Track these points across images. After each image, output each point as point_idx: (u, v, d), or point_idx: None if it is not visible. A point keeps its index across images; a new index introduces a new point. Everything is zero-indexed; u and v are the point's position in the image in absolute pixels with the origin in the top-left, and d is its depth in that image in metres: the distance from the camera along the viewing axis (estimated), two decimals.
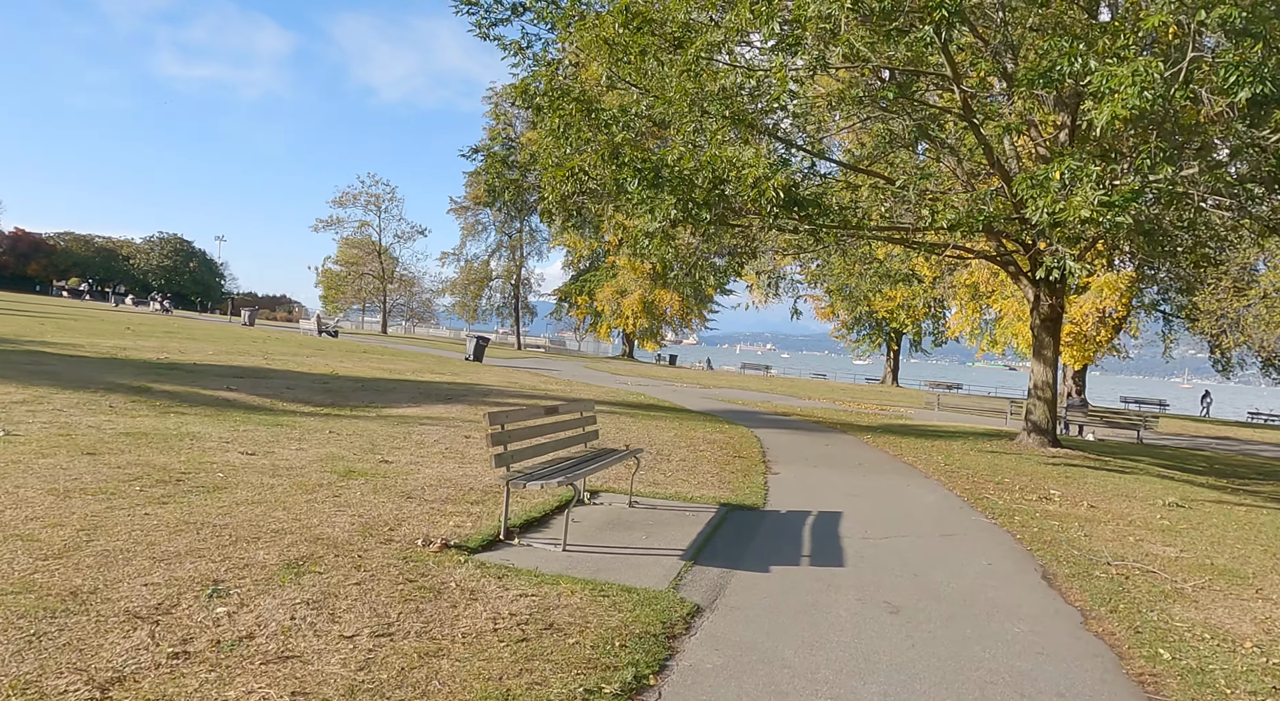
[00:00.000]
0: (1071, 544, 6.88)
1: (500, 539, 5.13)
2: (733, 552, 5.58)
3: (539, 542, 5.19)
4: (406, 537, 4.85)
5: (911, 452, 13.45)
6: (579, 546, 5.24)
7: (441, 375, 21.28)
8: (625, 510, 6.60)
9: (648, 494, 7.46)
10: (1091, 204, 8.11)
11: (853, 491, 9.03)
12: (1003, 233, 14.56)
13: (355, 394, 14.11)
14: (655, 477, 8.60)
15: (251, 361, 18.85)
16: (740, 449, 11.94)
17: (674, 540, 5.72)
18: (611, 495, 7.23)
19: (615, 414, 15.04)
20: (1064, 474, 12.35)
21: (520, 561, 4.72)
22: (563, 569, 4.68)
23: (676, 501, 7.26)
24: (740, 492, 8.11)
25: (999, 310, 40.88)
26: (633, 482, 6.91)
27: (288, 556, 4.19)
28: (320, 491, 5.90)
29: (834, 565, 5.47)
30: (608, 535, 5.70)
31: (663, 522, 6.26)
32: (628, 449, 6.89)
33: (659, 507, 6.85)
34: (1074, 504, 9.56)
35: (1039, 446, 15.55)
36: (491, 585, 4.13)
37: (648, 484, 8.08)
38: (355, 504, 5.62)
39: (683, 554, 5.34)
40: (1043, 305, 15.52)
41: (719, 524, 6.44)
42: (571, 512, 6.31)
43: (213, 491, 5.56)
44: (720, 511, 6.97)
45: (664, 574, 4.81)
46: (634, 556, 5.17)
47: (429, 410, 12.80)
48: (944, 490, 9.81)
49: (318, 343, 32.56)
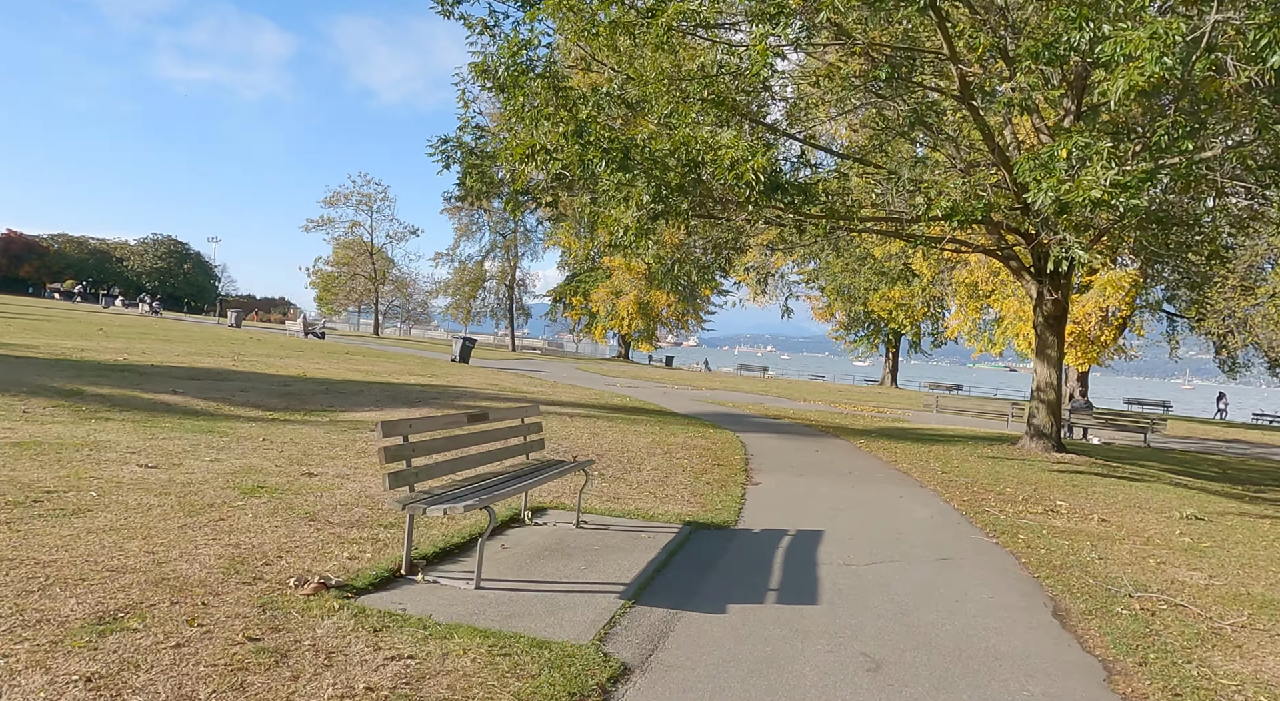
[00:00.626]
0: (1085, 569, 6.01)
1: (401, 574, 4.25)
2: (686, 586, 4.71)
3: (450, 578, 4.32)
4: (280, 575, 3.98)
5: (907, 459, 12.58)
6: (498, 582, 4.37)
7: (420, 377, 20.42)
8: (570, 532, 5.72)
9: (603, 511, 6.58)
10: (1103, 184, 7.24)
11: (839, 504, 8.15)
12: (1003, 224, 13.70)
13: (315, 397, 13.25)
14: (618, 491, 7.72)
15: (218, 363, 17.98)
16: (721, 456, 11.07)
17: (618, 571, 4.84)
18: (560, 513, 6.35)
19: (592, 418, 14.17)
20: (1070, 482, 11.48)
21: (415, 606, 3.84)
22: (466, 615, 3.80)
23: (634, 520, 6.38)
24: (711, 508, 7.24)
25: (999, 310, 39.99)
26: (580, 499, 6.02)
27: (104, 608, 3.32)
28: (205, 514, 5.03)
29: (805, 602, 4.60)
30: (539, 565, 4.82)
31: (611, 548, 5.38)
32: (575, 461, 6.01)
33: (611, 528, 5.97)
34: (1083, 517, 8.68)
35: (1043, 451, 14.68)
36: (359, 644, 3.25)
37: (607, 499, 7.21)
38: (239, 530, 4.74)
39: (623, 590, 4.46)
40: (1046, 302, 14.65)
41: (678, 548, 5.57)
42: (505, 536, 5.44)
43: (70, 515, 4.69)
44: (683, 532, 6.10)
45: (593, 619, 3.93)
46: (564, 594, 4.30)
47: (390, 414, 11.93)
48: (940, 502, 8.93)
49: (300, 344, 31.70)
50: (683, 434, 13.18)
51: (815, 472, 10.45)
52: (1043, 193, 7.88)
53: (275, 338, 35.99)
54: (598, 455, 9.92)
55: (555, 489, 7.34)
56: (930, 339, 52.55)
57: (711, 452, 11.27)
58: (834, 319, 53.00)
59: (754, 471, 10.16)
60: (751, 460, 11.14)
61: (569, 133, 8.48)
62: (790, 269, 49.46)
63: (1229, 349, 37.10)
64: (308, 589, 3.77)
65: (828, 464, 11.39)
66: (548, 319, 70.05)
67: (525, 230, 62.61)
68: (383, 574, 4.17)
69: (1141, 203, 7.23)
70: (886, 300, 45.49)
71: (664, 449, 11.16)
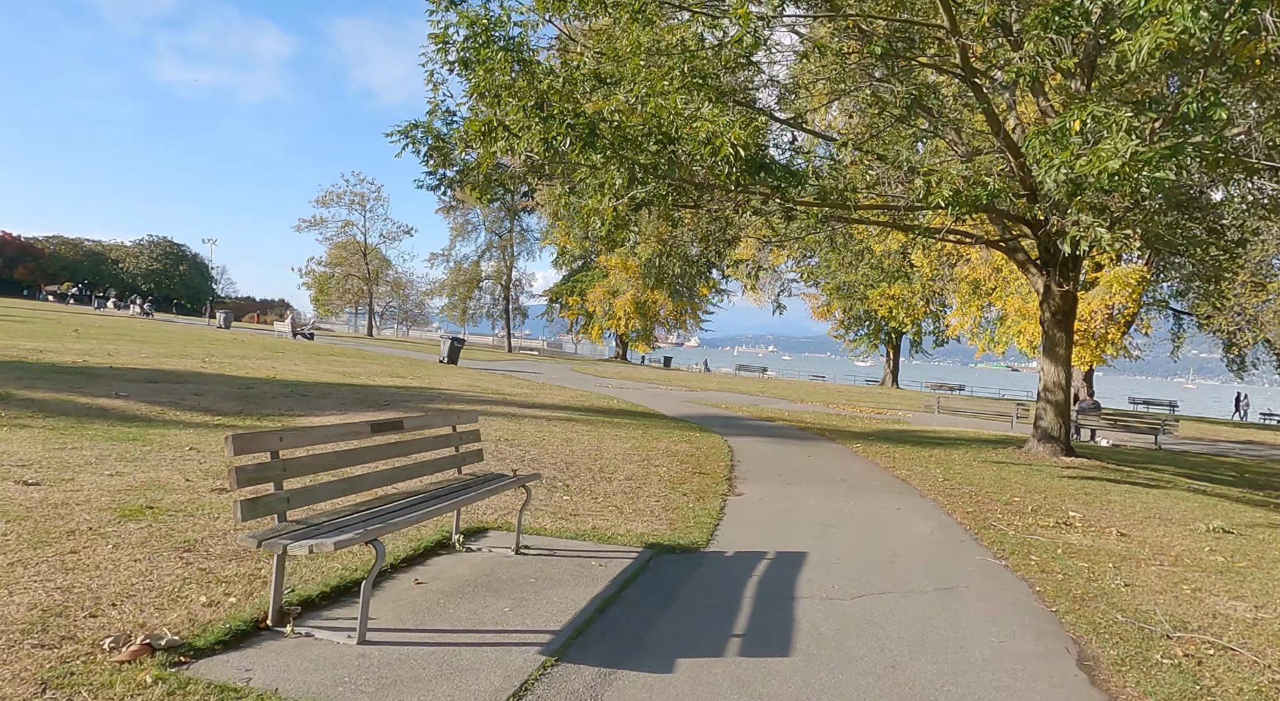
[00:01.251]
0: (1110, 600, 5.15)
1: (265, 625, 3.39)
2: (632, 631, 3.86)
3: (330, 628, 3.46)
4: (100, 633, 3.13)
5: (906, 464, 11.71)
6: (391, 633, 3.52)
7: (400, 379, 19.58)
8: (506, 560, 4.87)
9: (553, 532, 5.73)
10: (1123, 155, 6.38)
11: (829, 519, 7.29)
12: (1008, 213, 12.84)
13: (276, 401, 12.40)
14: (580, 505, 6.87)
15: (186, 365, 17.14)
16: (704, 462, 10.22)
17: (552, 612, 4.00)
18: (503, 534, 5.50)
19: (571, 421, 13.32)
20: (1082, 490, 10.62)
21: (265, 673, 2.99)
22: (329, 684, 2.95)
23: (588, 542, 5.53)
24: (682, 525, 6.38)
25: (1001, 308, 39.11)
26: (520, 521, 5.16)
27: None
28: (56, 545, 4.18)
29: (775, 652, 3.75)
30: (454, 607, 3.97)
31: (550, 580, 4.53)
32: (515, 476, 5.15)
33: (558, 554, 5.12)
34: (1100, 531, 7.82)
35: (1051, 455, 13.82)
36: None
37: (563, 515, 6.36)
38: (85, 566, 3.90)
39: (550, 641, 3.61)
40: (1053, 297, 13.78)
41: (633, 578, 4.72)
42: (426, 567, 4.59)
43: None
44: (643, 557, 5.24)
45: (498, 687, 3.08)
46: (472, 648, 3.45)
47: (349, 419, 11.09)
48: (942, 514, 8.07)
49: (284, 345, 30.87)
50: (666, 438, 12.33)
51: (805, 481, 9.60)
52: (1054, 169, 7.02)
53: (261, 339, 35.16)
54: (566, 463, 9.08)
55: (503, 504, 6.49)
56: (931, 338, 51.64)
57: (694, 459, 10.42)
58: (833, 318, 52.12)
59: (738, 480, 9.31)
60: (737, 467, 10.29)
61: (528, 107, 7.64)
62: (788, 267, 48.63)
63: (1239, 346, 36.21)
64: (125, 653, 2.93)
65: (819, 470, 10.53)
66: (544, 319, 69.21)
67: (521, 230, 61.84)
68: (240, 627, 3.32)
69: (1167, 176, 6.37)
70: (886, 298, 44.60)
71: (642, 455, 10.31)
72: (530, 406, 15.35)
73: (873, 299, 45.97)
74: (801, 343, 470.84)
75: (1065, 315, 13.91)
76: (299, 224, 57.34)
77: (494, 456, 8.91)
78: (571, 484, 7.87)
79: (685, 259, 14.63)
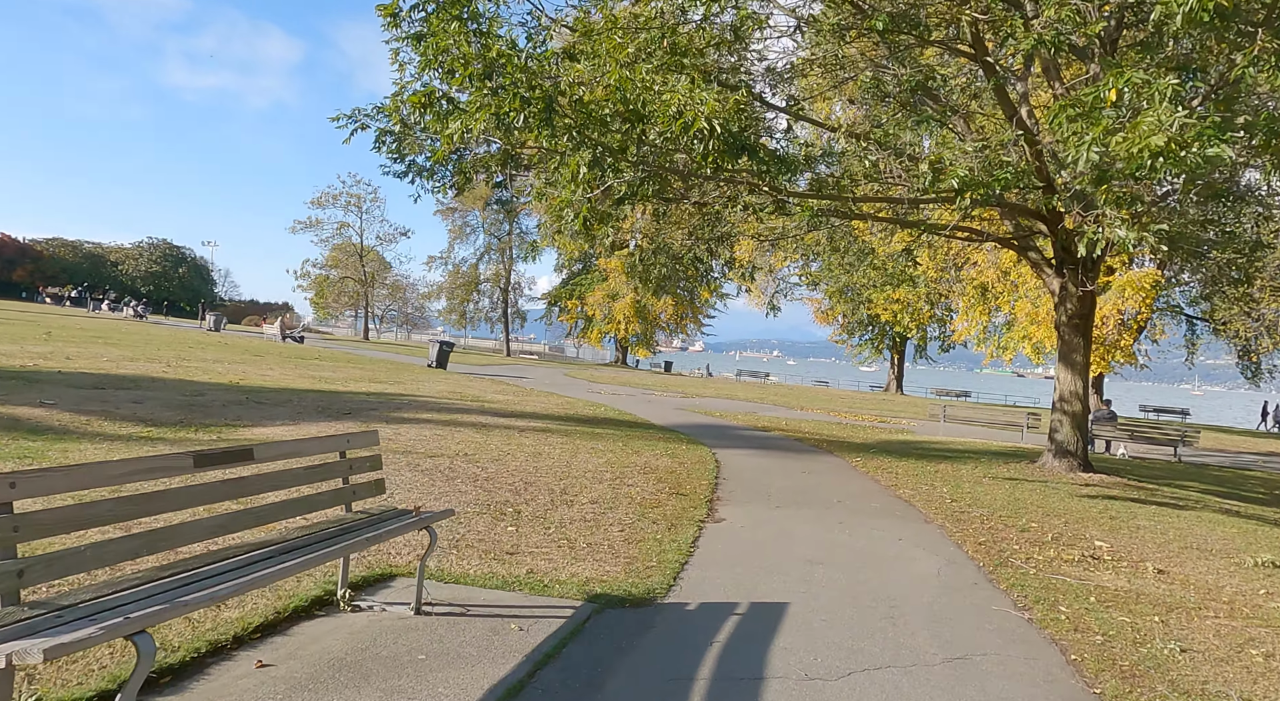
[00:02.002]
0: (1166, 673, 4.10)
1: None
2: None
3: None
4: None
5: (910, 482, 10.66)
6: None
7: (378, 384, 18.59)
8: (400, 623, 3.84)
9: (476, 578, 4.69)
10: (1168, 129, 5.35)
11: (819, 553, 6.25)
12: (1022, 208, 11.80)
13: (225, 409, 11.40)
14: (523, 539, 5.84)
15: (147, 370, 16.16)
16: (685, 481, 9.18)
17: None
18: (412, 582, 4.47)
19: (546, 432, 12.29)
20: (1106, 512, 9.55)
21: None
22: None
23: (516, 594, 4.49)
24: (641, 566, 5.35)
25: (1009, 312, 37.99)
26: (422, 572, 4.11)
27: None
28: None
29: None
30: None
31: (446, 657, 3.50)
32: (417, 515, 4.11)
33: (471, 611, 4.09)
34: (1135, 567, 6.77)
35: (1067, 471, 12.74)
36: None
37: (498, 554, 5.32)
38: None
39: None
40: (1070, 300, 12.72)
41: (555, 652, 3.68)
42: (286, 637, 3.56)
43: None
44: (580, 614, 4.21)
45: None
46: None
47: (298, 430, 10.09)
48: (950, 545, 7.02)
49: (269, 349, 29.92)
50: (648, 452, 11.29)
51: (796, 502, 8.55)
52: (1085, 147, 5.98)
53: (248, 342, 34.21)
54: (525, 483, 8.05)
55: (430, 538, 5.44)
56: (937, 343, 50.48)
57: (674, 476, 9.38)
58: (836, 322, 51.03)
59: (720, 501, 8.27)
60: (721, 486, 9.25)
61: (475, 76, 6.64)
62: (790, 270, 47.58)
63: (1256, 353, 35.02)
64: None
65: (814, 490, 9.49)
66: (543, 323, 68.23)
67: (520, 232, 60.91)
68: None
69: (1222, 152, 5.32)
70: (891, 302, 43.52)
71: (616, 473, 9.27)
72: (507, 415, 14.34)
73: (876, 303, 44.91)
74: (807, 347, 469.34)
75: (1083, 319, 12.84)
76: (294, 225, 56.42)
77: (441, 475, 7.89)
78: (523, 510, 6.84)
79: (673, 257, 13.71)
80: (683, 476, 9.50)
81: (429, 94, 6.91)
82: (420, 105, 6.96)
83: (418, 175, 11.90)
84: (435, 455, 9.05)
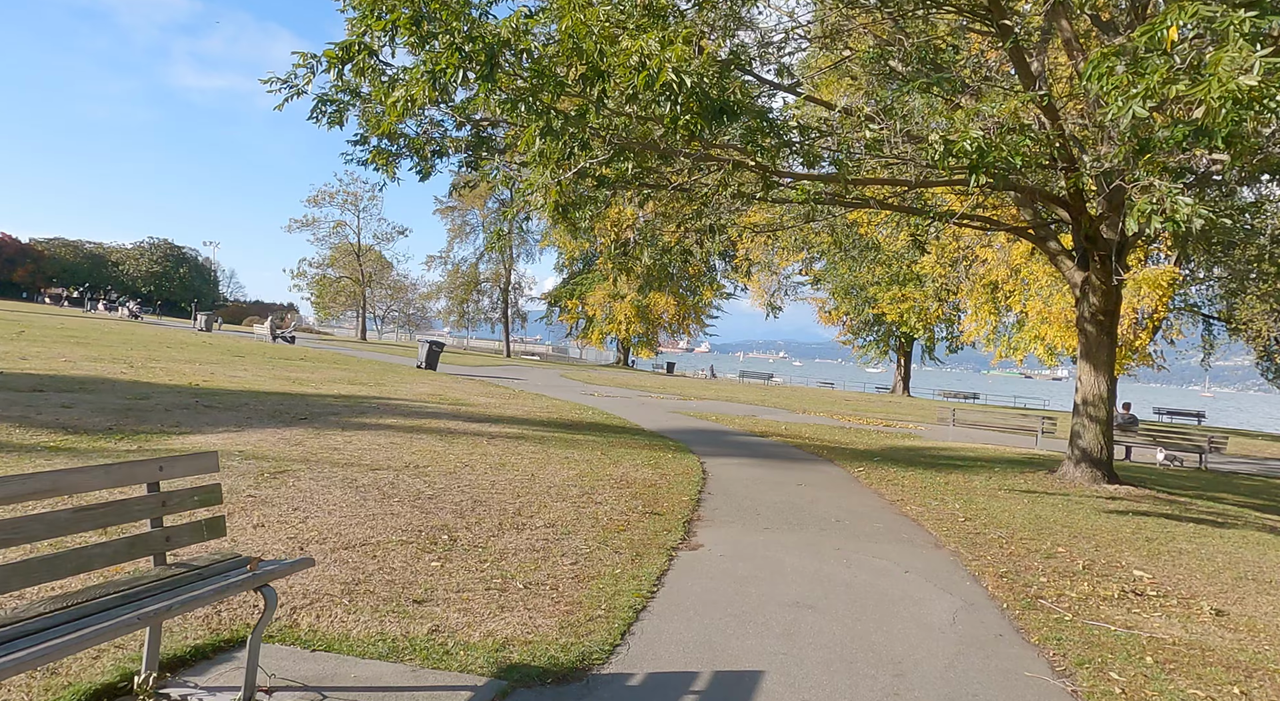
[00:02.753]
0: None
1: None
2: None
3: None
4: None
5: (917, 496, 9.57)
6: None
7: (356, 386, 17.58)
8: None
9: (354, 642, 3.63)
10: (1256, 71, 4.27)
11: (809, 593, 5.18)
12: (1042, 192, 10.70)
13: (167, 414, 10.39)
14: (444, 579, 4.78)
15: (105, 371, 15.17)
16: (663, 496, 8.12)
17: None
18: (268, 649, 3.41)
19: (519, 440, 11.23)
20: (1140, 532, 8.44)
21: None
22: None
23: (398, 667, 3.44)
24: (582, 618, 4.29)
25: (1019, 312, 36.80)
26: (254, 653, 3.04)
27: None
28: None
29: None
30: None
31: None
32: (252, 570, 3.06)
33: (327, 698, 3.03)
34: (1187, 607, 5.68)
35: (1090, 482, 11.62)
36: None
37: (401, 602, 4.26)
38: None
39: None
40: (1094, 294, 11.61)
41: None
42: None
43: None
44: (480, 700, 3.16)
45: None
46: None
47: (238, 438, 9.06)
48: (967, 580, 5.94)
49: (254, 349, 28.95)
50: (628, 461, 10.23)
51: (788, 522, 7.48)
52: (1133, 100, 4.90)
53: (235, 343, 33.27)
54: (475, 502, 6.99)
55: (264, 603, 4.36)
56: (945, 344, 49.23)
57: (651, 491, 8.32)
58: (841, 323, 49.86)
59: (701, 522, 7.21)
60: (705, 502, 8.19)
61: (404, 24, 5.59)
62: (793, 270, 46.47)
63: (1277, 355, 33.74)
64: None
65: (809, 506, 8.41)
66: (544, 323, 67.21)
67: (521, 231, 59.89)
68: None
69: None
70: (897, 301, 42.36)
71: (585, 487, 8.21)
72: (481, 420, 13.29)
73: (882, 302, 43.77)
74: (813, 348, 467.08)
75: (1107, 315, 11.73)
76: (289, 224, 55.54)
77: (377, 493, 6.84)
78: (461, 537, 5.79)
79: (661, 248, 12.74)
80: (662, 491, 8.44)
81: (347, 48, 5.86)
82: (338, 59, 5.91)
83: (383, 162, 10.91)
84: (380, 468, 8.01)
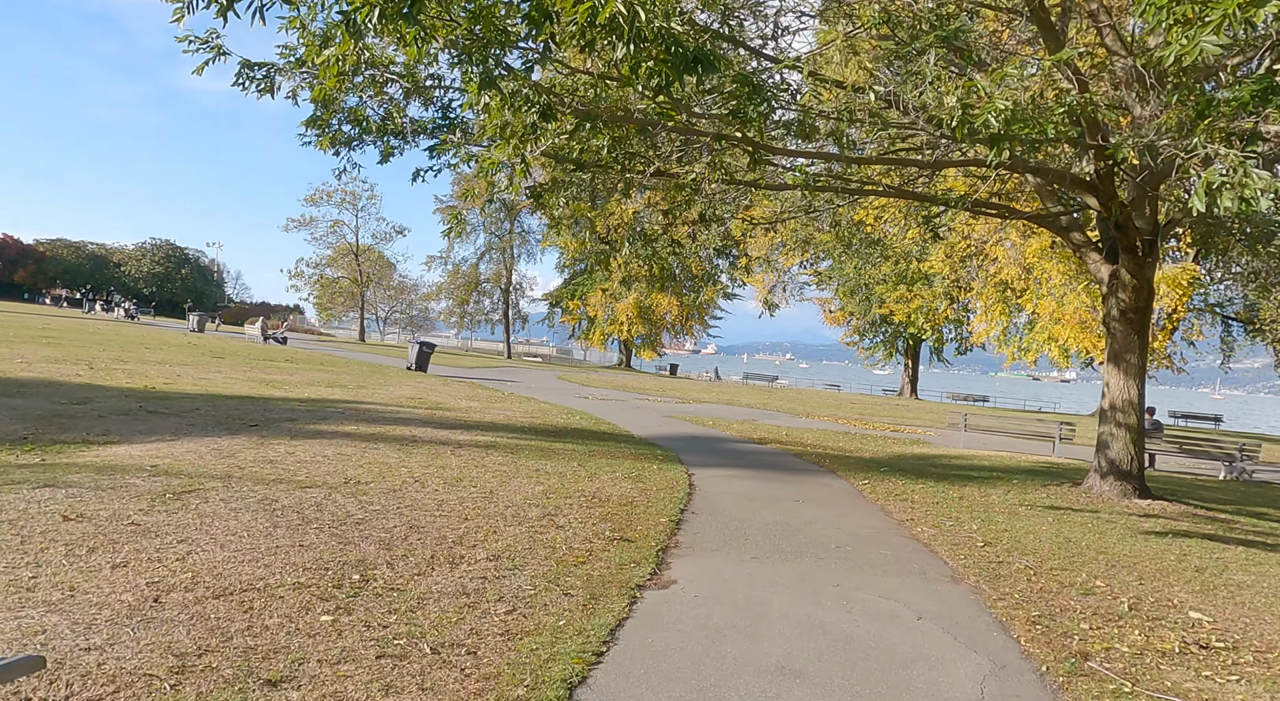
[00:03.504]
0: None
1: None
2: None
3: None
4: None
5: (929, 514, 8.51)
6: None
7: (331, 389, 16.59)
8: None
9: None
10: None
11: (797, 652, 4.13)
12: (1071, 175, 9.64)
13: (98, 421, 9.39)
14: (331, 642, 3.75)
15: (53, 373, 14.16)
16: (639, 517, 7.08)
17: None
18: None
19: (489, 449, 10.20)
20: (1186, 559, 7.36)
21: None
22: None
23: None
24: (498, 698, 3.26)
25: (1031, 312, 35.63)
26: None
27: None
28: None
29: None
30: None
31: None
32: None
33: None
34: (1265, 664, 4.61)
35: (1120, 496, 10.53)
36: None
37: (243, 687, 3.25)
38: None
39: None
40: (1123, 289, 10.53)
41: None
42: None
43: None
44: None
45: None
46: None
47: (173, 447, 8.06)
48: (993, 629, 4.88)
49: (237, 350, 28.02)
50: (606, 474, 9.19)
51: (781, 550, 6.43)
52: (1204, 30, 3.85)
53: (222, 344, 32.36)
54: (411, 527, 5.96)
55: None
56: (954, 345, 48.03)
57: (626, 511, 7.28)
58: (847, 324, 48.72)
59: (678, 550, 6.17)
60: (687, 523, 7.15)
61: None
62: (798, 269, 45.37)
63: None
64: None
65: (806, 529, 7.35)
66: (545, 324, 66.23)
67: (522, 231, 58.91)
68: None
69: None
70: (905, 300, 41.20)
71: (550, 507, 7.17)
72: (455, 426, 12.27)
73: (888, 302, 42.62)
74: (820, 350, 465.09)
75: (1138, 312, 10.64)
76: (287, 223, 54.72)
77: (294, 518, 5.81)
78: (376, 577, 4.76)
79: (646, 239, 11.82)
80: (639, 510, 7.40)
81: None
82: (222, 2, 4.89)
83: (342, 145, 9.95)
84: (312, 485, 6.99)
